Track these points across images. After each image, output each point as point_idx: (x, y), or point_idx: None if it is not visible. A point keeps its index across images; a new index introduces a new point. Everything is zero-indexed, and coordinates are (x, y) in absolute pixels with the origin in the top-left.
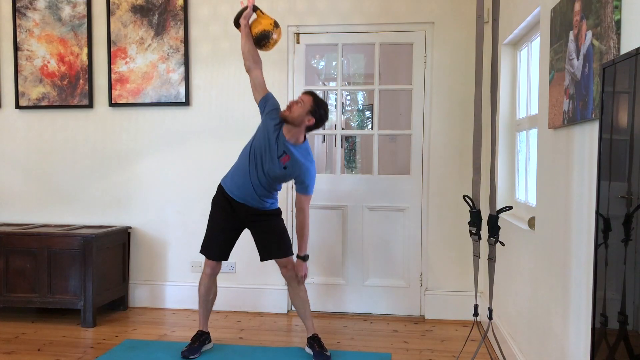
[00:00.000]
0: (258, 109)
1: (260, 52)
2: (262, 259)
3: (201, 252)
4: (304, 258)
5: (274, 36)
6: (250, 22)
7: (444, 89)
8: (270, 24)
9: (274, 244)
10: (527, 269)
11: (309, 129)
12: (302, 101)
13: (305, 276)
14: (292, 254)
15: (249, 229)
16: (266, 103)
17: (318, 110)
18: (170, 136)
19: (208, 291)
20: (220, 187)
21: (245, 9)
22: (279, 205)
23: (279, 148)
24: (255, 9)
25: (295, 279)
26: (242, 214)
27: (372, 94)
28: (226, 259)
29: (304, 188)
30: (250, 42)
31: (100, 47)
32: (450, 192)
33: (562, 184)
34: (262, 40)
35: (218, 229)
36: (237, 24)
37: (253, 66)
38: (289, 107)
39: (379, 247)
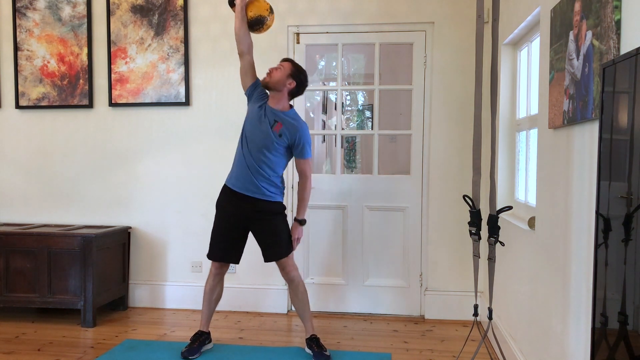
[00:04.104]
0: None
1: (259, 51)
2: (267, 260)
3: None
4: (300, 222)
5: (268, 21)
6: (245, 3)
7: (444, 89)
8: (266, 9)
9: (277, 245)
10: (527, 269)
11: (292, 94)
12: (282, 66)
13: (298, 240)
14: (291, 255)
15: (251, 229)
16: (255, 89)
17: (298, 74)
18: (170, 136)
19: (212, 290)
20: (223, 186)
21: None
22: (283, 201)
23: (269, 119)
24: None
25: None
26: (246, 209)
27: (372, 94)
28: (232, 261)
29: (300, 151)
30: (245, 25)
31: (100, 47)
32: (450, 192)
33: (562, 184)
34: (255, 25)
35: (220, 231)
36: (231, 3)
37: (246, 50)
38: (269, 73)
39: (379, 247)
